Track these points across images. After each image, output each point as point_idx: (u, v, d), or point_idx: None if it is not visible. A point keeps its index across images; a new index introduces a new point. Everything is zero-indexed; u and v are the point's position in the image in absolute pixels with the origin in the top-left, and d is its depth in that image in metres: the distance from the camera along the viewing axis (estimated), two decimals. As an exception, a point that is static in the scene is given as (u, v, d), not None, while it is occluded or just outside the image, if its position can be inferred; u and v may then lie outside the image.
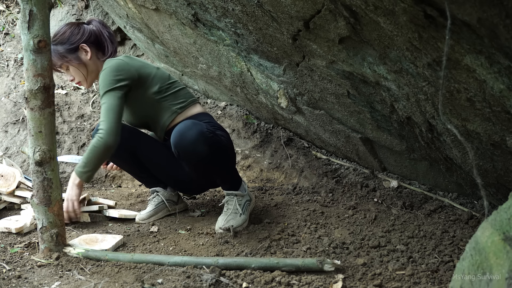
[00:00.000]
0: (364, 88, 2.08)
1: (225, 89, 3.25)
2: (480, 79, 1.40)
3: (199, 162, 2.08)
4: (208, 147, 2.05)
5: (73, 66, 2.39)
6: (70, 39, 2.38)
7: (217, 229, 2.16)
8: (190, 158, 2.07)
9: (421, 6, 1.29)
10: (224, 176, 2.25)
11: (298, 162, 3.10)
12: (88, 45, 2.38)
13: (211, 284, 1.61)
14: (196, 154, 2.05)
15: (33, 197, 1.88)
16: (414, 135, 2.20)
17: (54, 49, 2.35)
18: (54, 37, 2.36)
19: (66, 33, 2.39)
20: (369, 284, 1.63)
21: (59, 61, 2.38)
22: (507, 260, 1.01)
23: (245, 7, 2.01)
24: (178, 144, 2.06)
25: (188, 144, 2.03)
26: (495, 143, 1.70)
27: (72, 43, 2.38)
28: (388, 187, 2.67)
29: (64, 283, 1.71)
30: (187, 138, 2.03)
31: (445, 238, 2.03)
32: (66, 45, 2.37)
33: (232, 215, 2.20)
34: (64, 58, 2.37)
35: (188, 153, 2.05)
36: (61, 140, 3.36)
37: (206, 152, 2.05)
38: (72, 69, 2.40)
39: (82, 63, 2.39)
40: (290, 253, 1.90)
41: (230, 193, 2.27)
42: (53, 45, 2.35)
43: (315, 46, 1.98)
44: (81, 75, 2.41)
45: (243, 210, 2.24)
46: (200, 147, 2.03)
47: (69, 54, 2.37)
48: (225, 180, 2.28)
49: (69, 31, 2.39)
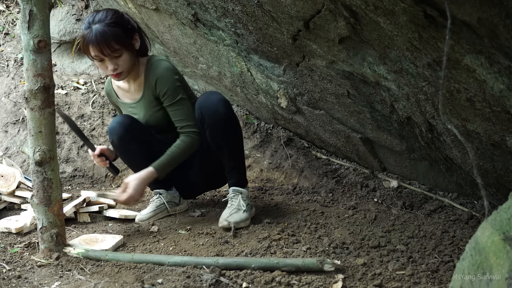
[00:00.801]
0: (364, 88, 2.08)
1: (225, 89, 3.25)
2: (480, 79, 1.40)
3: (219, 122, 2.21)
4: (227, 111, 2.24)
5: (128, 53, 2.19)
6: (130, 23, 2.21)
7: (221, 221, 2.19)
8: (212, 116, 2.21)
9: (421, 6, 1.29)
10: (234, 155, 2.30)
11: (298, 162, 3.10)
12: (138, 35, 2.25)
13: (211, 284, 1.61)
14: (217, 113, 2.21)
15: (33, 197, 1.88)
16: (414, 135, 2.20)
17: (112, 31, 2.11)
18: (110, 18, 2.13)
19: (123, 16, 2.20)
20: (369, 284, 1.63)
21: (117, 45, 2.13)
22: (507, 260, 1.01)
23: (245, 7, 2.01)
24: (203, 104, 2.23)
25: (211, 104, 2.22)
26: (495, 143, 1.70)
27: (130, 29, 2.21)
28: (388, 187, 2.67)
29: (64, 283, 1.71)
30: (211, 99, 2.23)
31: (445, 238, 2.03)
32: (125, 29, 2.17)
33: (235, 210, 2.23)
34: (124, 42, 2.16)
35: (210, 111, 2.21)
36: (61, 140, 3.36)
37: (226, 114, 2.23)
38: (125, 57, 2.18)
39: (134, 51, 2.24)
40: (290, 253, 1.90)
41: (236, 189, 2.29)
42: (110, 26, 2.12)
43: (315, 46, 1.98)
44: (130, 65, 2.22)
45: (247, 208, 2.25)
46: (221, 109, 2.22)
47: (127, 39, 2.18)
48: (234, 167, 2.30)
49: (125, 16, 2.21)
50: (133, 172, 2.40)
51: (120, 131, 2.30)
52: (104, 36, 2.10)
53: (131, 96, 2.40)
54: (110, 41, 2.11)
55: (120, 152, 2.39)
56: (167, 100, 2.27)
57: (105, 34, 2.11)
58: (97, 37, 2.10)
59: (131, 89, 2.38)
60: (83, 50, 2.19)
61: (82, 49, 2.19)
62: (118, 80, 2.28)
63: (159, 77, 2.25)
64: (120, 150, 2.38)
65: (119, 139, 2.31)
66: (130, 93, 2.40)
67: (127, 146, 2.33)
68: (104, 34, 2.11)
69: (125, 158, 2.43)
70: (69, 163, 3.27)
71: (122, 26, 2.16)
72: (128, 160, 2.44)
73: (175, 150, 2.25)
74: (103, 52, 2.13)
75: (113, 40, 2.11)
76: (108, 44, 2.11)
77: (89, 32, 2.12)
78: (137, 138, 2.33)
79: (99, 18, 2.13)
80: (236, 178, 2.32)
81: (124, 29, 2.17)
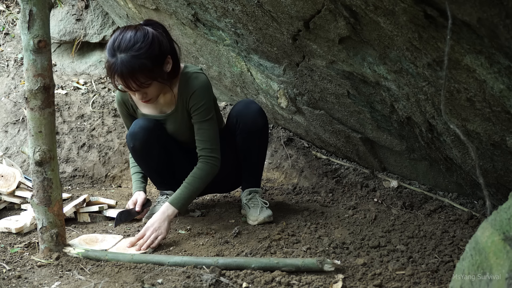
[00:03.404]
0: (364, 88, 2.08)
1: (225, 89, 3.25)
2: (480, 79, 1.40)
3: (255, 132, 2.28)
4: (265, 123, 2.31)
5: (159, 83, 2.03)
6: (161, 47, 2.00)
7: (254, 219, 2.26)
8: (249, 125, 2.27)
9: (421, 6, 1.29)
10: (259, 163, 2.40)
11: (298, 162, 3.10)
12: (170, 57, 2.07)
13: (211, 284, 1.61)
14: (256, 123, 2.28)
15: (33, 197, 1.88)
16: (414, 135, 2.20)
17: (140, 64, 1.92)
18: (138, 48, 1.93)
19: (153, 40, 1.97)
20: (369, 284, 1.63)
21: (144, 78, 1.95)
22: (507, 260, 1.01)
23: (245, 7, 2.01)
24: (241, 112, 2.28)
25: (250, 113, 2.27)
26: (495, 143, 1.70)
27: (161, 55, 2.00)
28: (388, 187, 2.67)
29: (64, 283, 1.71)
30: (251, 108, 2.28)
31: (445, 238, 2.03)
32: (155, 59, 1.98)
33: (260, 207, 2.30)
34: (153, 74, 1.97)
35: (248, 120, 2.26)
36: (61, 140, 3.36)
37: (262, 125, 2.29)
38: (154, 87, 2.02)
39: (165, 77, 2.05)
40: (290, 253, 1.90)
41: (253, 190, 2.37)
42: (137, 58, 1.92)
43: (315, 46, 1.98)
44: (160, 90, 2.08)
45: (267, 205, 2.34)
46: (259, 119, 2.28)
47: (157, 68, 1.99)
48: (255, 171, 2.39)
49: (156, 37, 1.99)
50: None
51: (144, 136, 2.20)
52: (130, 69, 1.92)
53: (159, 109, 2.26)
54: (137, 75, 1.93)
55: (139, 158, 2.30)
56: (198, 116, 2.17)
57: (132, 67, 1.92)
58: (122, 69, 1.93)
59: (160, 101, 2.23)
60: (107, 75, 2.05)
61: (107, 74, 2.06)
62: (148, 104, 2.15)
63: (197, 90, 2.13)
64: (139, 156, 2.29)
65: (142, 144, 2.22)
66: (157, 106, 2.25)
67: (149, 151, 2.25)
68: (130, 67, 1.92)
69: (143, 163, 2.33)
70: (69, 163, 3.27)
71: (151, 56, 1.96)
72: (147, 166, 2.34)
73: (193, 181, 2.16)
74: (129, 87, 1.97)
75: (140, 74, 1.93)
76: (135, 78, 1.94)
77: (114, 62, 1.94)
78: (160, 143, 2.26)
79: (126, 45, 1.94)
80: (254, 181, 2.41)
81: (154, 59, 1.97)
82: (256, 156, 2.37)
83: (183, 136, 2.32)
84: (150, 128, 2.22)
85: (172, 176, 2.40)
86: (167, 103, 2.24)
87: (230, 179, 2.49)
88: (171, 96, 2.21)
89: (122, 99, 2.29)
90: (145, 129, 2.21)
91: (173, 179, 2.41)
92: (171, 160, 2.35)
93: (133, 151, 2.30)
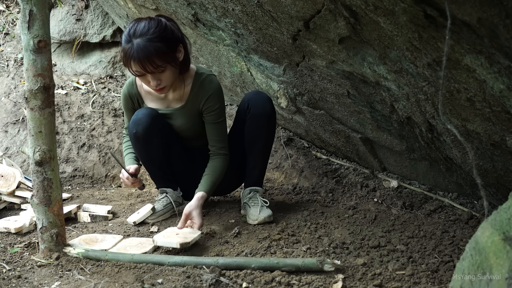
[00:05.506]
0: (364, 88, 2.08)
1: (225, 89, 3.25)
2: (480, 79, 1.40)
3: (262, 116, 2.33)
4: (272, 110, 2.36)
5: (172, 67, 2.09)
6: (174, 34, 2.09)
7: (254, 219, 2.27)
8: (257, 109, 2.33)
9: (421, 6, 1.29)
10: (264, 156, 2.42)
11: (298, 162, 3.10)
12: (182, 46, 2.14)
13: (211, 284, 1.61)
14: (264, 108, 2.33)
15: (33, 197, 1.88)
16: (414, 135, 2.20)
17: (155, 47, 2.00)
18: (153, 32, 2.02)
19: (166, 27, 2.06)
20: (369, 284, 1.63)
21: (160, 61, 2.02)
22: (507, 260, 1.01)
23: (245, 7, 2.01)
24: (252, 98, 2.35)
25: (260, 99, 2.34)
26: (495, 143, 1.70)
27: (174, 41, 2.09)
28: (388, 187, 2.67)
29: (64, 283, 1.71)
30: (261, 96, 2.36)
31: (445, 238, 2.03)
32: (169, 43, 2.06)
33: (260, 207, 2.31)
34: (168, 57, 2.05)
35: (258, 105, 2.33)
36: (61, 140, 3.36)
37: (271, 112, 2.35)
38: (168, 72, 2.08)
39: (178, 65, 2.13)
40: (290, 253, 1.90)
41: (253, 189, 2.39)
42: (153, 42, 2.00)
43: (315, 46, 1.98)
44: (174, 78, 2.14)
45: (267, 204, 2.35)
46: (268, 106, 2.34)
47: (171, 53, 2.07)
48: (257, 166, 2.40)
49: (169, 25, 2.08)
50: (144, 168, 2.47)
51: (147, 122, 2.22)
52: (147, 52, 1.99)
53: (167, 104, 2.32)
54: (153, 58, 2.00)
55: (140, 145, 2.29)
56: (213, 117, 2.29)
57: (148, 50, 1.99)
58: (139, 53, 1.99)
59: (169, 97, 2.30)
60: (123, 63, 2.08)
61: (123, 62, 2.09)
62: (161, 94, 2.21)
63: (213, 93, 2.25)
64: (141, 144, 2.28)
65: (145, 130, 2.23)
66: (165, 101, 2.31)
67: (150, 139, 2.26)
68: (146, 50, 1.99)
69: (144, 152, 2.33)
70: (69, 163, 3.27)
71: (165, 40, 2.04)
72: (146, 155, 2.34)
73: (216, 170, 2.30)
74: (146, 69, 2.02)
75: (156, 57, 2.00)
76: (151, 61, 2.00)
77: (130, 47, 2.01)
78: (162, 134, 2.30)
79: (141, 32, 2.02)
80: (256, 178, 2.42)
81: (168, 43, 2.05)
82: (259, 144, 2.37)
83: (187, 132, 2.36)
84: (154, 115, 2.26)
85: (172, 172, 2.43)
86: (175, 99, 2.31)
87: (231, 180, 2.54)
88: (180, 92, 2.29)
89: (129, 93, 2.34)
90: (149, 116, 2.25)
91: (173, 175, 2.44)
92: (171, 155, 2.38)
93: (135, 138, 2.28)
